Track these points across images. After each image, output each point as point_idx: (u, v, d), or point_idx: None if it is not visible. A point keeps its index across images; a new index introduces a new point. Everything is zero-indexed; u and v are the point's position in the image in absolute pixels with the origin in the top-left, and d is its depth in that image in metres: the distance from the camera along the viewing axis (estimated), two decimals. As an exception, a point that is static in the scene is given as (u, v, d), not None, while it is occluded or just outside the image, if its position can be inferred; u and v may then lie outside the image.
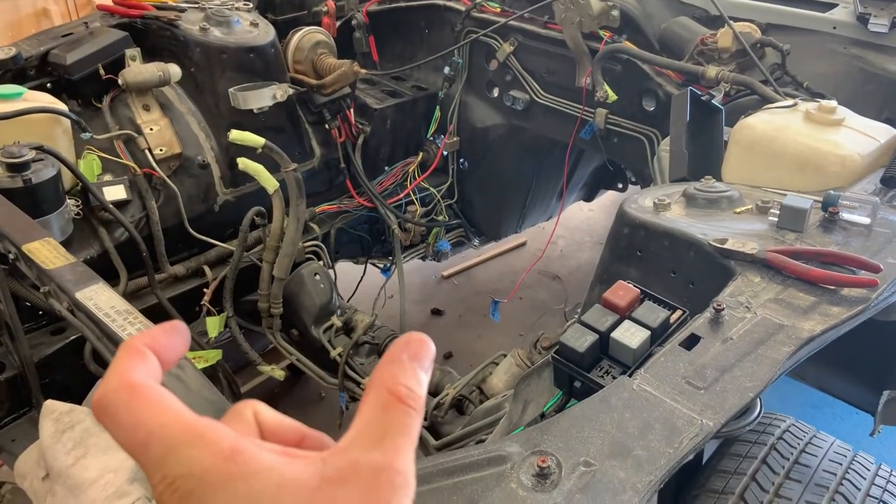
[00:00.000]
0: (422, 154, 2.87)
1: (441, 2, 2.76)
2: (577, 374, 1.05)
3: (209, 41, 2.28)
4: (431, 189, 2.88)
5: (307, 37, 2.50)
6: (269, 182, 2.09)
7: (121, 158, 2.12)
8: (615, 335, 1.04)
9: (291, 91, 2.36)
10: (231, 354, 2.32)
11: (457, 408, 1.99)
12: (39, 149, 1.79)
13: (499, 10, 2.61)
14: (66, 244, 1.82)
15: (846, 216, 1.29)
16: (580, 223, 4.32)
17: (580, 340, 1.04)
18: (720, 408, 0.90)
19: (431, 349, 0.41)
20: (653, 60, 2.17)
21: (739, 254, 1.18)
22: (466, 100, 2.83)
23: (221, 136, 2.27)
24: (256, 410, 0.43)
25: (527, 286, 3.63)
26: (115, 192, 2.06)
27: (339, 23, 2.76)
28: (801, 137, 1.51)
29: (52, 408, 1.13)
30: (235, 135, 2.01)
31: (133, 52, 2.21)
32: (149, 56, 2.27)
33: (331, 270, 2.54)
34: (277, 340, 2.38)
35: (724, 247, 1.19)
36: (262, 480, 0.35)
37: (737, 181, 1.54)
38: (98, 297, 1.19)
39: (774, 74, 1.96)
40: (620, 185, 3.32)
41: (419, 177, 2.84)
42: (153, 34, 2.31)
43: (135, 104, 2.22)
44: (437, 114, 2.86)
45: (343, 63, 2.43)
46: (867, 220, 1.28)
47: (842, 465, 1.36)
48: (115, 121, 2.19)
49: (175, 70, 2.22)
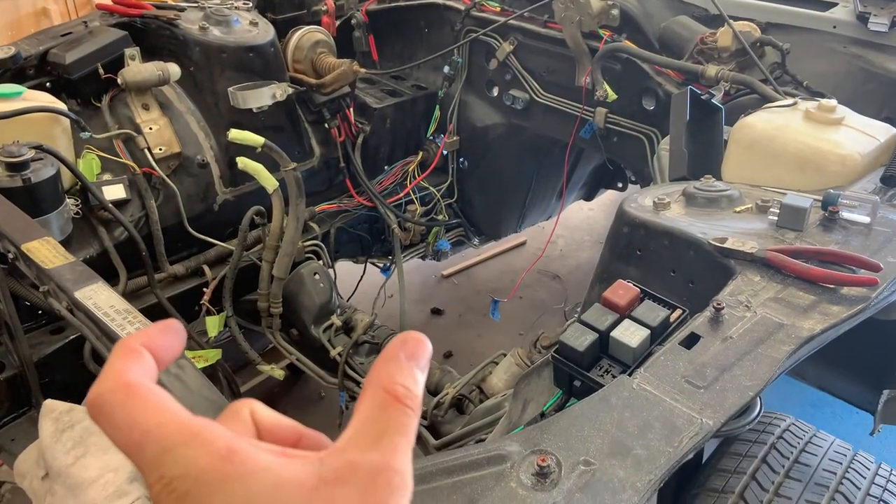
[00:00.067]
0: (421, 153, 2.87)
1: (441, 1, 2.76)
2: (577, 374, 1.05)
3: (208, 40, 2.28)
4: (431, 188, 2.88)
5: (307, 36, 2.50)
6: (269, 181, 2.09)
7: (120, 158, 2.12)
8: (615, 334, 1.04)
9: (291, 90, 2.36)
10: (231, 354, 2.31)
11: (457, 407, 1.99)
12: (39, 148, 1.79)
13: (498, 10, 2.61)
14: (66, 243, 1.82)
15: (846, 215, 1.29)
16: (580, 222, 4.32)
17: (580, 339, 1.04)
18: (720, 407, 0.90)
19: (428, 348, 0.41)
20: (652, 59, 2.17)
21: (739, 253, 1.18)
22: (466, 99, 2.83)
23: (221, 136, 2.27)
24: (253, 409, 0.42)
25: (526, 285, 3.63)
26: (115, 192, 2.06)
27: (339, 22, 2.76)
28: (801, 136, 1.51)
29: (52, 407, 1.13)
30: (235, 134, 2.01)
31: (132, 52, 2.21)
32: (148, 55, 2.27)
33: (330, 270, 2.54)
34: (277, 340, 2.38)
35: (724, 246, 1.19)
36: (259, 481, 0.35)
37: (736, 180, 1.54)
38: (97, 297, 1.19)
39: (774, 73, 1.96)
40: (620, 185, 3.31)
41: (419, 176, 2.84)
42: (152, 33, 2.31)
43: (134, 103, 2.22)
44: (437, 113, 2.86)
45: (342, 62, 2.43)
46: (867, 219, 1.27)
47: (842, 465, 1.36)
48: (115, 120, 2.19)
49: (174, 69, 2.22)
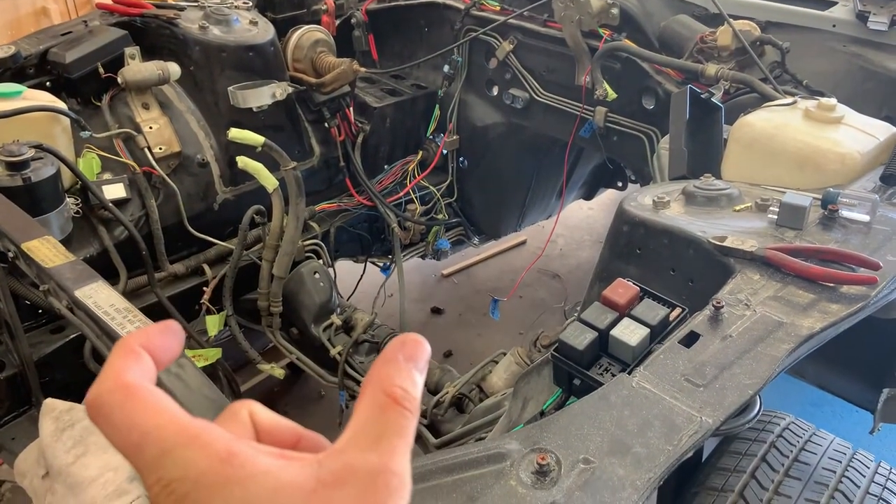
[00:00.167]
0: (421, 152, 2.87)
1: (440, 0, 2.76)
2: (577, 372, 1.06)
3: (208, 40, 2.28)
4: (431, 187, 2.88)
5: (306, 35, 2.50)
6: (269, 180, 2.09)
7: (120, 157, 2.12)
8: (614, 333, 1.04)
9: (291, 89, 2.36)
10: (231, 353, 2.32)
11: (457, 406, 1.99)
12: (39, 147, 1.79)
13: (498, 9, 2.61)
14: (66, 243, 1.82)
15: (845, 214, 1.29)
16: (580, 222, 4.32)
17: (580, 338, 1.04)
18: (719, 405, 0.90)
19: (427, 350, 0.41)
20: (652, 58, 2.17)
21: (739, 251, 1.18)
22: (466, 98, 2.83)
23: (221, 135, 2.27)
24: (252, 411, 0.42)
25: (526, 285, 3.63)
26: (115, 191, 2.07)
27: (339, 21, 2.76)
28: (801, 135, 1.51)
29: (52, 406, 1.13)
30: (235, 133, 2.01)
31: (132, 51, 2.21)
32: (148, 55, 2.27)
33: (330, 269, 2.54)
34: (277, 339, 2.38)
35: (724, 244, 1.19)
36: (259, 484, 0.35)
37: (736, 179, 1.54)
38: (97, 296, 1.19)
39: (774, 72, 1.96)
40: (620, 184, 3.31)
41: (419, 175, 2.84)
42: (152, 33, 2.31)
43: (134, 103, 2.22)
44: (437, 112, 2.86)
45: (342, 61, 2.43)
46: (866, 218, 1.28)
47: (841, 463, 1.36)
48: (115, 119, 2.19)
49: (174, 68, 2.22)
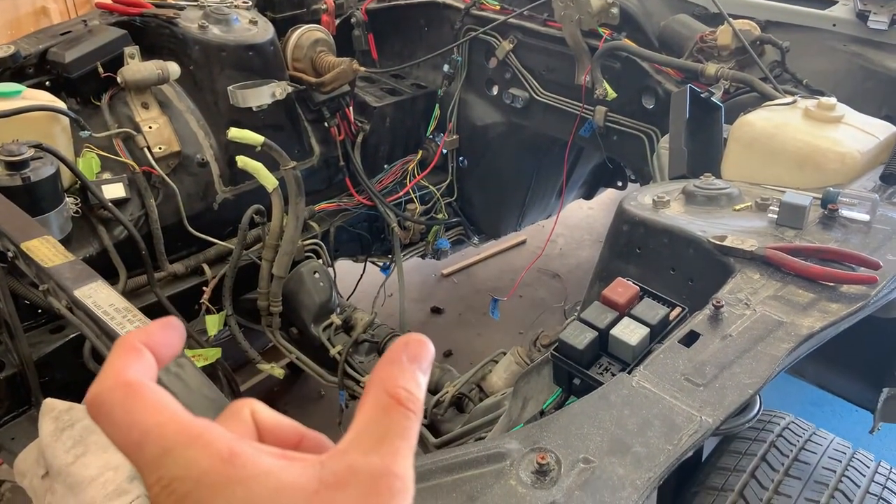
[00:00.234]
0: (421, 152, 2.86)
1: (440, -1, 2.76)
2: (577, 372, 1.05)
3: (208, 39, 2.28)
4: (431, 187, 2.88)
5: (306, 35, 2.49)
6: (269, 180, 2.09)
7: (120, 157, 2.12)
8: (614, 332, 1.04)
9: (290, 89, 2.36)
10: (230, 353, 2.31)
11: (456, 406, 1.99)
12: (38, 147, 1.79)
13: (498, 8, 2.60)
14: (65, 242, 1.82)
15: (845, 213, 1.29)
16: (580, 221, 4.32)
17: (579, 338, 1.04)
18: (719, 405, 0.90)
19: (431, 350, 0.41)
20: (652, 58, 2.17)
21: (739, 251, 1.18)
22: (466, 98, 2.83)
23: (220, 134, 2.27)
24: (254, 410, 0.42)
25: (526, 284, 3.63)
26: (114, 191, 2.06)
27: (339, 21, 2.76)
28: (801, 134, 1.51)
29: (52, 406, 1.13)
30: (234, 133, 2.01)
31: (132, 51, 2.21)
32: (148, 54, 2.27)
33: (330, 269, 2.54)
34: (277, 339, 2.38)
35: (724, 244, 1.19)
36: (260, 484, 0.34)
37: (736, 178, 1.54)
38: (97, 295, 1.19)
39: (774, 72, 1.96)
40: (620, 183, 3.31)
41: (418, 175, 2.84)
42: (152, 32, 2.31)
43: (134, 102, 2.22)
44: (437, 112, 2.86)
45: (342, 61, 2.43)
46: (866, 217, 1.28)
47: (841, 463, 1.36)
48: (114, 119, 2.19)
49: (174, 68, 2.22)
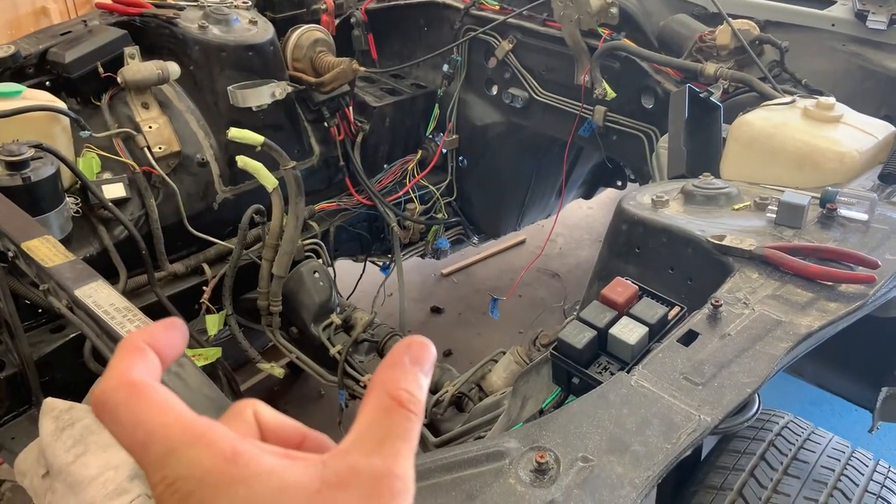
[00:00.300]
0: (421, 152, 2.87)
1: (440, -1, 2.77)
2: (576, 371, 1.06)
3: (208, 39, 2.28)
4: (430, 187, 2.88)
5: (306, 35, 2.50)
6: (269, 180, 2.09)
7: (120, 156, 2.12)
8: (613, 331, 1.04)
9: (290, 89, 2.36)
10: (230, 352, 2.32)
11: (456, 405, 1.99)
12: (38, 147, 1.79)
13: (497, 8, 2.61)
14: (66, 242, 1.82)
15: (844, 212, 1.29)
16: (579, 221, 4.32)
17: (578, 337, 1.05)
18: (718, 403, 0.90)
19: (432, 353, 0.41)
20: (651, 58, 2.17)
21: (737, 250, 1.19)
22: (465, 97, 2.83)
23: (220, 134, 2.27)
24: (257, 410, 0.42)
25: (526, 284, 3.64)
26: (115, 191, 2.07)
27: (338, 21, 2.76)
28: (800, 134, 1.51)
29: (52, 405, 1.13)
30: (234, 133, 2.01)
31: (132, 51, 2.21)
32: (148, 54, 2.27)
33: (330, 268, 2.54)
34: (277, 338, 2.38)
35: (722, 243, 1.20)
36: (263, 483, 0.35)
37: (735, 178, 1.54)
38: (97, 295, 1.19)
39: (773, 71, 1.96)
40: (619, 183, 3.31)
41: (418, 175, 2.84)
42: (152, 32, 2.31)
43: (134, 102, 2.22)
44: (436, 111, 2.86)
45: (342, 61, 2.43)
46: (865, 217, 1.28)
47: (840, 462, 1.36)
48: (114, 119, 2.19)
49: (174, 68, 2.22)
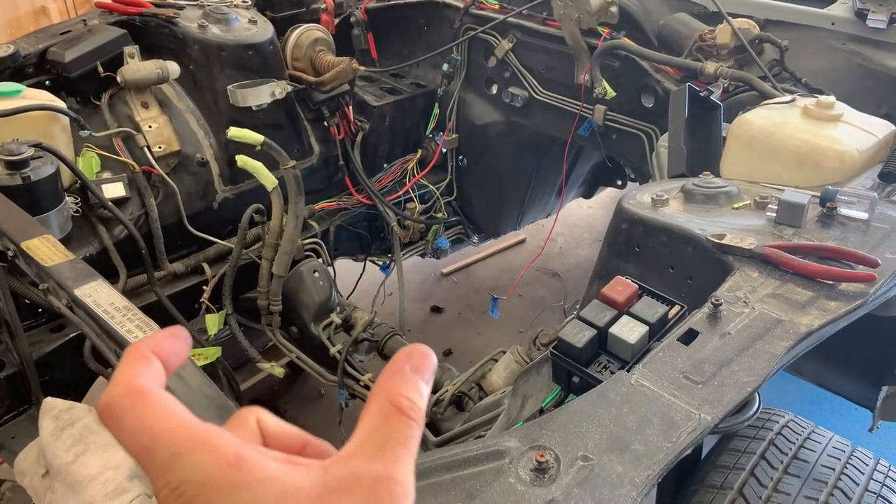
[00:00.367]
0: (421, 151, 2.87)
1: (439, -1, 2.76)
2: (576, 370, 1.06)
3: (208, 38, 2.28)
4: (430, 186, 2.88)
5: (306, 34, 2.50)
6: (268, 179, 2.09)
7: (119, 156, 2.12)
8: (613, 330, 1.04)
9: (290, 88, 2.36)
10: (230, 352, 2.32)
11: (456, 404, 1.99)
12: (38, 146, 1.79)
13: (497, 7, 2.60)
14: (66, 242, 1.82)
15: (844, 211, 1.29)
16: (579, 220, 4.32)
17: (578, 336, 1.05)
18: (718, 402, 0.90)
19: (433, 361, 0.42)
20: (651, 57, 2.17)
21: (737, 249, 1.19)
22: (465, 97, 2.83)
23: (220, 134, 2.27)
24: (259, 417, 0.43)
25: (526, 283, 3.64)
26: (114, 190, 2.07)
27: (338, 20, 2.76)
28: (800, 133, 1.51)
29: (52, 405, 1.13)
30: (234, 132, 2.01)
31: (131, 50, 2.21)
32: (147, 54, 2.27)
33: (330, 268, 2.54)
34: (277, 338, 2.38)
35: (722, 242, 1.20)
36: (266, 488, 0.35)
37: (735, 177, 1.54)
38: (97, 294, 1.20)
39: (773, 70, 1.96)
40: (619, 182, 3.31)
41: (418, 174, 2.84)
42: (152, 32, 2.31)
43: (133, 102, 2.22)
44: (436, 111, 2.86)
45: (342, 60, 2.43)
46: (865, 216, 1.28)
47: (840, 461, 1.36)
48: (114, 118, 2.19)
49: (173, 67, 2.22)
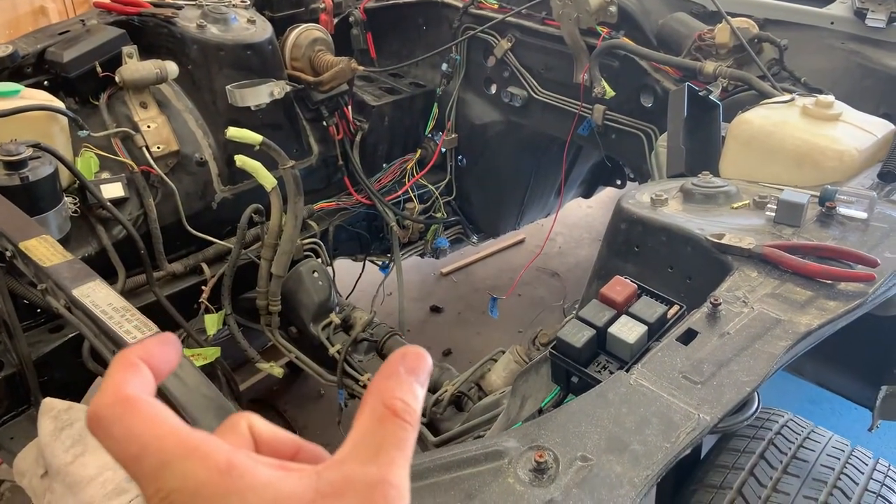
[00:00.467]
0: (420, 151, 2.86)
1: (438, -2, 2.76)
2: (575, 370, 1.06)
3: (206, 38, 2.28)
4: (430, 186, 2.88)
5: (304, 34, 2.49)
6: (267, 179, 2.09)
7: (118, 156, 2.12)
8: (612, 330, 1.04)
9: (289, 88, 2.36)
10: (230, 352, 2.31)
11: (455, 404, 1.99)
12: (37, 146, 1.78)
13: (496, 7, 2.60)
14: (64, 242, 1.82)
15: (843, 211, 1.29)
16: (578, 220, 4.32)
17: (577, 336, 1.04)
18: (717, 402, 0.90)
19: (428, 363, 0.41)
20: (650, 56, 2.17)
21: (736, 249, 1.18)
22: (464, 96, 2.83)
23: (219, 134, 2.27)
24: (251, 423, 0.42)
25: (525, 283, 3.63)
26: (113, 190, 2.06)
27: (337, 20, 2.76)
28: (799, 132, 1.51)
29: (51, 405, 1.13)
30: (233, 132, 2.01)
31: (130, 50, 2.21)
32: (146, 53, 2.27)
33: (329, 268, 2.54)
34: (276, 338, 2.38)
35: (722, 242, 1.19)
36: (258, 495, 0.35)
37: (734, 176, 1.54)
38: (95, 295, 1.19)
39: (772, 70, 1.96)
40: (618, 182, 3.31)
41: (417, 174, 2.84)
42: (150, 31, 2.31)
43: (132, 102, 2.22)
44: (435, 111, 2.86)
45: (340, 60, 2.43)
46: (864, 215, 1.28)
47: (839, 460, 1.36)
48: (113, 118, 2.19)
49: (172, 67, 2.22)
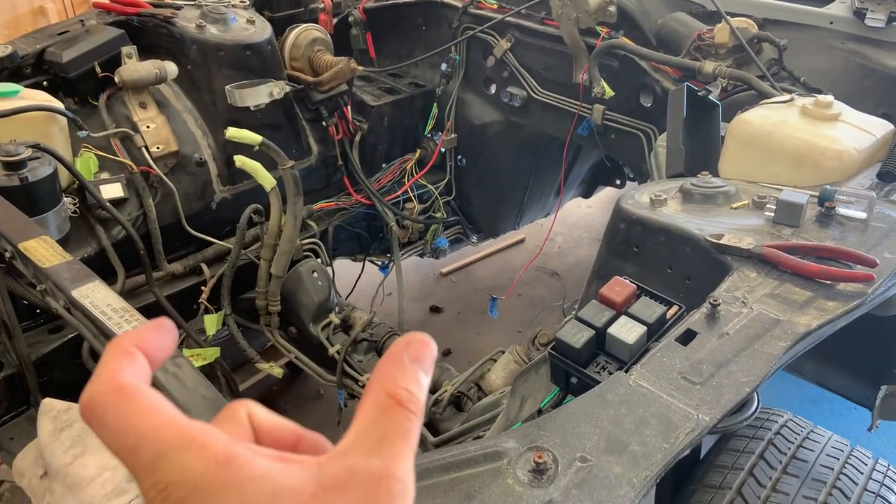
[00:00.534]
0: (419, 151, 2.86)
1: (438, -2, 2.76)
2: (574, 370, 1.06)
3: (206, 38, 2.28)
4: (429, 186, 2.88)
5: (304, 34, 2.49)
6: (267, 179, 2.09)
7: (117, 156, 2.12)
8: (611, 331, 1.04)
9: (288, 88, 2.36)
10: (229, 352, 2.32)
11: (455, 404, 1.99)
12: (36, 147, 1.78)
13: (496, 7, 2.60)
14: (63, 242, 1.82)
15: (843, 211, 1.29)
16: (578, 220, 4.32)
17: (577, 336, 1.04)
18: (716, 403, 0.90)
19: (433, 350, 0.40)
20: (650, 56, 2.17)
21: (736, 249, 1.18)
22: (464, 96, 2.83)
23: (218, 134, 2.27)
24: (250, 411, 0.41)
25: (525, 283, 3.63)
26: (112, 190, 2.06)
27: (336, 20, 2.76)
28: (798, 132, 1.51)
29: (51, 406, 1.13)
30: (232, 132, 2.01)
31: (129, 50, 2.21)
32: (145, 54, 2.27)
33: (329, 268, 2.54)
34: (276, 338, 2.38)
35: (721, 242, 1.19)
36: (257, 487, 0.34)
37: (733, 176, 1.54)
38: (94, 295, 1.19)
39: (771, 70, 1.96)
40: (618, 182, 3.31)
41: (417, 174, 2.84)
42: (149, 32, 2.31)
43: (131, 102, 2.22)
44: (435, 111, 2.86)
45: (340, 60, 2.43)
46: (863, 215, 1.28)
47: (839, 460, 1.36)
48: (112, 119, 2.19)
49: (171, 68, 2.21)
